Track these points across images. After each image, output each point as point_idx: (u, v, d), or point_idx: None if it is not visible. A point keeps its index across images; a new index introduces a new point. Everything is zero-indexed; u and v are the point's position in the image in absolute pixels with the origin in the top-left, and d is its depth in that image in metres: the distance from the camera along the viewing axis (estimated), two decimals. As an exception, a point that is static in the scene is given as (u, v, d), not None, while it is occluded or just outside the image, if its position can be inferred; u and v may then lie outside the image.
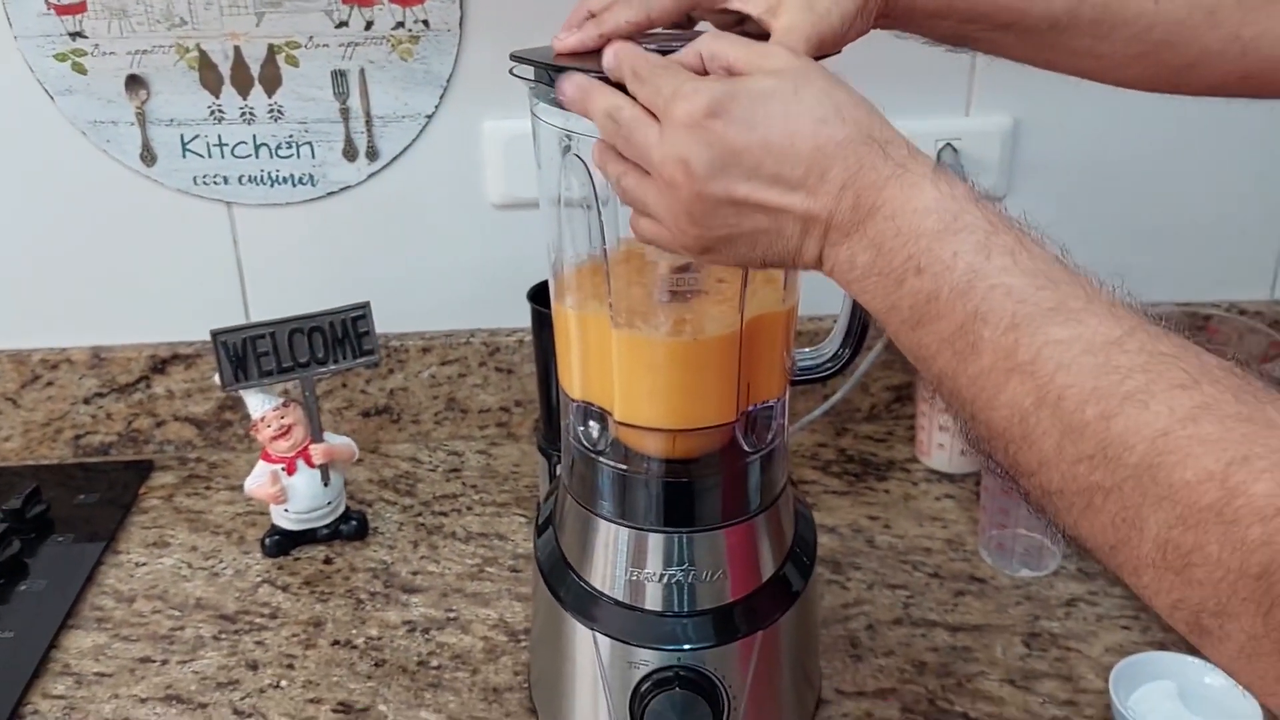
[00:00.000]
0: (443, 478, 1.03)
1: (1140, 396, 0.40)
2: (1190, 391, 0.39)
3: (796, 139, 0.48)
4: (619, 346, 0.63)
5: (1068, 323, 0.42)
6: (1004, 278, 0.43)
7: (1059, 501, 0.43)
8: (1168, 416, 0.39)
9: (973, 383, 0.44)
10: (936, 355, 0.46)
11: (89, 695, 0.79)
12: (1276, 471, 0.37)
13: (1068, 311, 0.42)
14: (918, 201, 0.46)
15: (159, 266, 1.02)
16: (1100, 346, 0.41)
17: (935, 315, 0.45)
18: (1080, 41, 0.62)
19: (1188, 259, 1.08)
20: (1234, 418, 0.39)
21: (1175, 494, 0.38)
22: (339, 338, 0.90)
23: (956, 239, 0.45)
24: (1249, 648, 0.38)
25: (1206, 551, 0.38)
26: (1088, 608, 0.86)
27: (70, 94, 0.94)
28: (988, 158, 1.02)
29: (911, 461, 1.05)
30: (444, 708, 0.77)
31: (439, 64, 0.95)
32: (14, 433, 1.05)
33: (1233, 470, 0.37)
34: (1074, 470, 0.41)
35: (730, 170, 0.49)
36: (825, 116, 0.48)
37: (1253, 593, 0.37)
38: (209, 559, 0.93)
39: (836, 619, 0.85)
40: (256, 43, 0.94)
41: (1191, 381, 0.40)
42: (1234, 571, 0.37)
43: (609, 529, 0.68)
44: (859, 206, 0.47)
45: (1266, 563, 0.36)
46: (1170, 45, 0.62)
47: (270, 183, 0.99)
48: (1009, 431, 0.43)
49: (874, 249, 0.47)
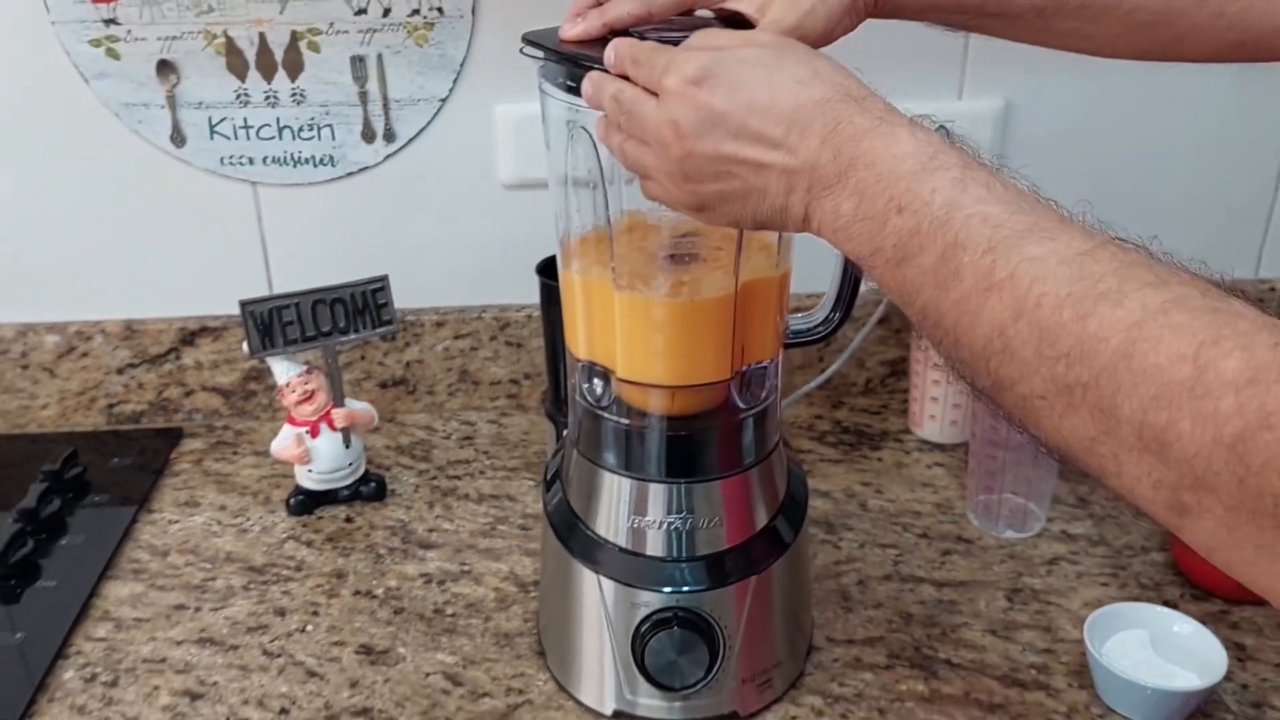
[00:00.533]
0: (456, 445, 1.08)
1: (1113, 296, 0.42)
2: (1160, 289, 0.42)
3: (777, 99, 0.52)
4: (621, 308, 0.68)
5: (1042, 240, 0.45)
6: (979, 207, 0.46)
7: (1040, 407, 0.44)
8: (1140, 310, 0.41)
9: (954, 307, 0.47)
10: (920, 288, 0.48)
11: (128, 638, 0.84)
12: (1245, 350, 0.39)
13: (1041, 231, 0.45)
14: (896, 149, 0.49)
15: (188, 243, 1.07)
16: (1073, 257, 0.44)
17: (917, 249, 0.48)
18: (1068, 24, 0.65)
19: (1175, 237, 1.11)
20: (1202, 309, 0.41)
21: (1149, 376, 0.40)
22: (359, 308, 0.95)
23: (934, 177, 0.47)
24: (1227, 519, 0.39)
25: (1181, 427, 0.39)
26: (1069, 566, 0.91)
27: (104, 78, 0.99)
28: (980, 139, 1.03)
29: (904, 432, 1.10)
30: (458, 650, 0.82)
31: (453, 49, 1.00)
32: (51, 401, 1.11)
33: (1204, 350, 0.39)
34: (1053, 371, 0.43)
35: (716, 130, 0.53)
36: (804, 79, 0.52)
37: (1227, 462, 0.38)
38: (237, 517, 0.98)
39: (829, 575, 0.90)
40: (280, 29, 0.99)
41: (1160, 281, 0.42)
42: (1209, 443, 0.38)
43: (613, 480, 0.74)
44: (839, 158, 0.50)
45: (1240, 431, 0.38)
46: (1157, 25, 0.64)
47: (293, 163, 1.04)
48: (990, 347, 0.45)
49: (856, 195, 0.49)
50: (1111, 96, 1.03)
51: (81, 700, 0.79)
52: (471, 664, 0.81)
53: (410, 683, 0.80)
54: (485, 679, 0.80)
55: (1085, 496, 0.99)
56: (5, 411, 1.11)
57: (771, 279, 0.70)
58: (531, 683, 0.79)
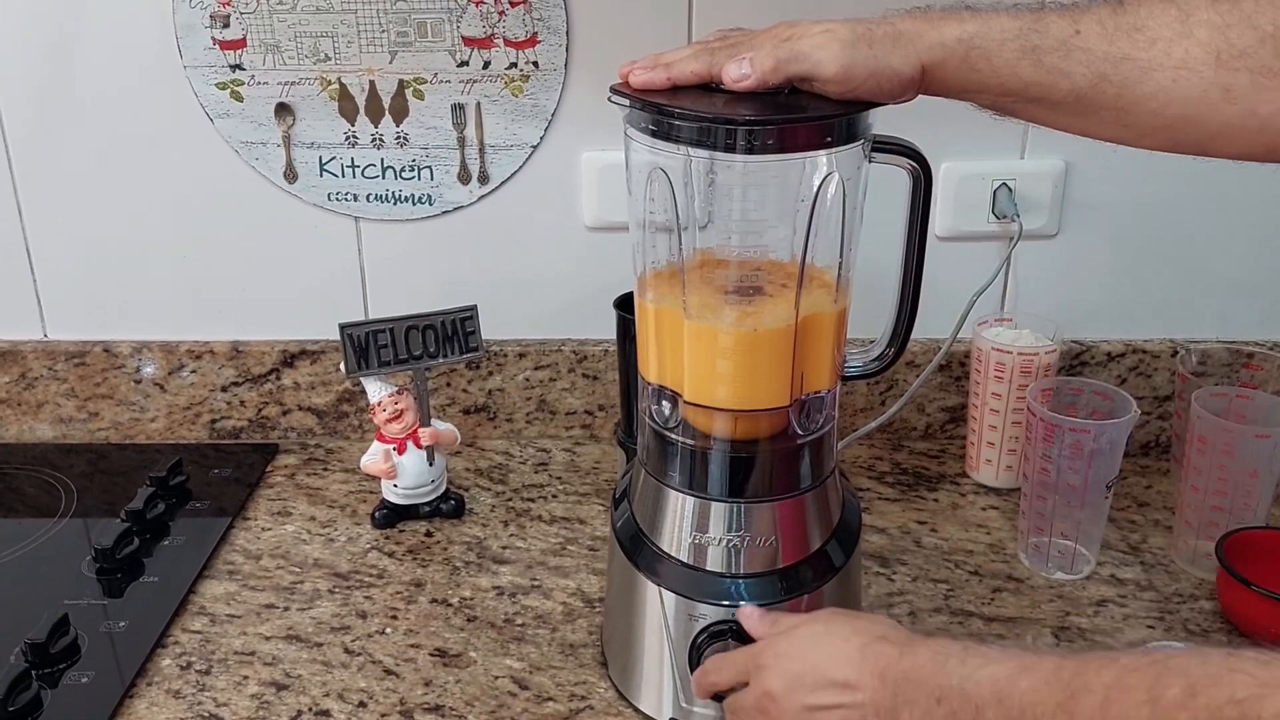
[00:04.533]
0: (532, 470, 1.15)
1: (1085, 689, 0.55)
2: (1111, 666, 0.55)
3: (834, 655, 0.67)
4: (690, 335, 0.74)
5: (1024, 673, 0.57)
6: (981, 672, 0.60)
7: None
8: (1101, 688, 0.54)
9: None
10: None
11: (221, 632, 0.91)
12: (1181, 677, 0.51)
13: (1021, 666, 0.58)
14: (919, 659, 0.63)
15: (293, 271, 1.15)
16: (1050, 675, 0.56)
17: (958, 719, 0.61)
18: (1106, 114, 0.69)
19: (1231, 298, 1.15)
20: (1145, 664, 0.53)
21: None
22: (449, 335, 1.02)
23: (947, 666, 0.61)
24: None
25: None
26: (1116, 608, 0.94)
27: (227, 117, 1.09)
28: (1040, 198, 1.10)
29: (961, 476, 1.13)
30: (526, 657, 0.88)
31: (545, 100, 1.08)
32: (159, 414, 1.19)
33: (1153, 689, 0.51)
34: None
35: (800, 687, 0.67)
36: (847, 635, 0.67)
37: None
38: (326, 527, 1.05)
39: (881, 605, 0.94)
40: (389, 78, 1.07)
41: (1112, 660, 0.55)
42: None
43: (677, 498, 0.79)
44: (885, 683, 0.64)
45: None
46: (1190, 120, 0.66)
47: (393, 201, 1.12)
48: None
49: (908, 706, 0.63)
50: (1168, 160, 1.06)
51: (177, 686, 0.85)
52: (538, 670, 0.86)
53: (480, 684, 0.85)
54: (550, 684, 0.85)
55: (1136, 544, 1.02)
56: (118, 423, 1.20)
57: (830, 314, 0.75)
58: (593, 690, 0.84)
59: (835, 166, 0.72)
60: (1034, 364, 1.05)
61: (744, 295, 0.75)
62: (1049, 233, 1.12)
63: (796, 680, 0.67)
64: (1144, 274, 1.14)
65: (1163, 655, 0.52)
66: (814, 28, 0.69)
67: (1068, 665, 0.56)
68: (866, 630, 0.67)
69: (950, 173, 1.09)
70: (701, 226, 0.76)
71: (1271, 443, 0.92)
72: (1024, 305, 1.14)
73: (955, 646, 0.62)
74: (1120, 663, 0.54)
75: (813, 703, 0.66)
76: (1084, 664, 0.55)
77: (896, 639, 0.66)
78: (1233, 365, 1.11)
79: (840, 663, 0.66)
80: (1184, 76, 0.66)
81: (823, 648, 0.68)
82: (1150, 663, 0.52)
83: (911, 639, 0.66)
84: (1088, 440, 0.92)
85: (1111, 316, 1.16)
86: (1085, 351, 1.15)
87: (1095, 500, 0.94)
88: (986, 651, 0.61)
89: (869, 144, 0.73)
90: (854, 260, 0.77)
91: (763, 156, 0.69)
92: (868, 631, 0.67)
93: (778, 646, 0.69)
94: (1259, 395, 0.98)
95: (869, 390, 1.17)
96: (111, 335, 1.18)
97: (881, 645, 0.65)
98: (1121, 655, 0.54)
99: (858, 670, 0.65)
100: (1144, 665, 0.52)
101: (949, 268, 1.10)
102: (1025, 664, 0.58)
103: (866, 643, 0.66)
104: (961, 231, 1.12)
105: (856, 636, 0.67)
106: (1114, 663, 0.54)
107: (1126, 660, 0.54)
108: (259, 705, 0.83)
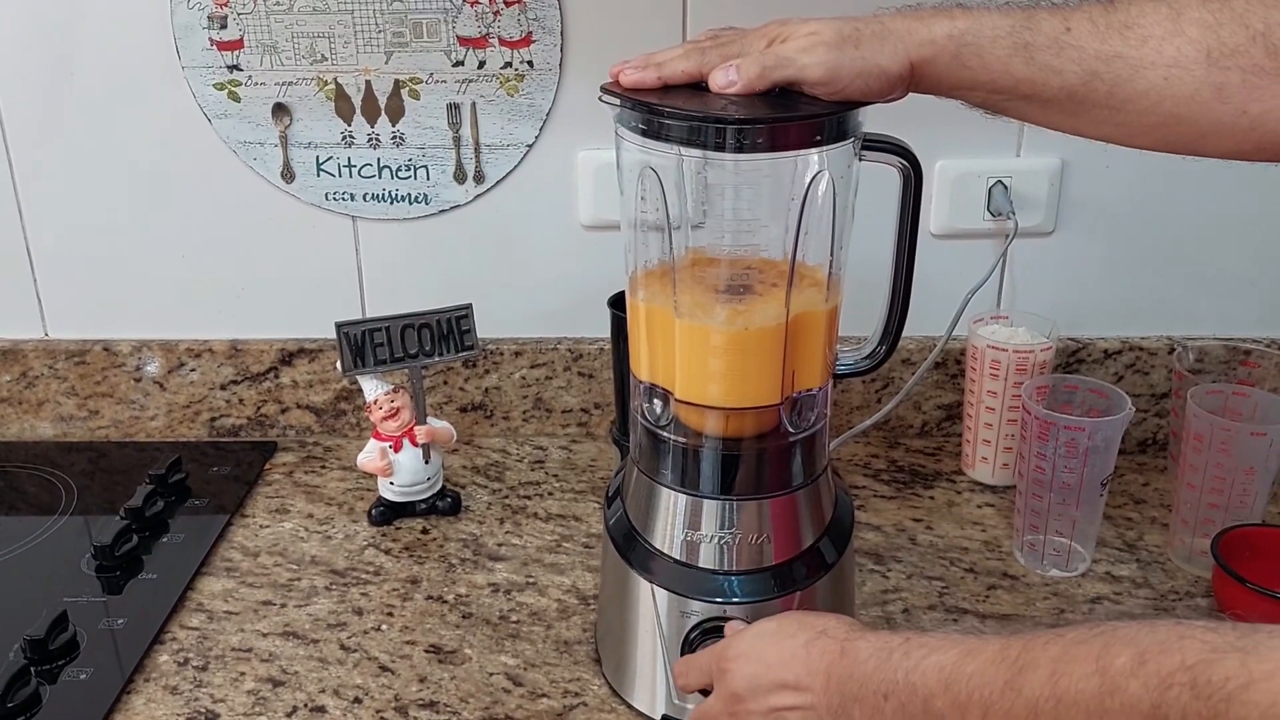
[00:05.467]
0: (528, 467, 1.15)
1: (1030, 666, 0.54)
2: (1055, 642, 0.54)
3: (783, 654, 0.67)
4: (681, 334, 0.74)
5: (970, 656, 0.57)
6: (927, 660, 0.59)
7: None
8: (1049, 664, 0.53)
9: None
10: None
11: (218, 628, 0.92)
12: (1129, 645, 0.50)
13: (967, 650, 0.58)
14: (860, 655, 0.63)
15: (291, 270, 1.16)
16: (997, 655, 0.56)
17: (910, 714, 0.60)
18: (1098, 112, 0.69)
19: (1229, 296, 1.15)
20: (1089, 636, 0.52)
21: (1079, 704, 0.51)
22: (444, 334, 1.03)
23: (890, 661, 0.61)
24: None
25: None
26: (1111, 605, 0.94)
27: (225, 118, 1.09)
28: (1036, 195, 1.10)
29: (957, 473, 1.13)
30: (521, 654, 0.88)
31: (541, 99, 1.08)
32: (159, 412, 1.20)
33: (1101, 659, 0.50)
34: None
35: (759, 688, 0.67)
36: (793, 632, 0.67)
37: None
38: (323, 525, 1.05)
39: (875, 602, 0.94)
40: (385, 78, 1.08)
41: (1057, 635, 0.54)
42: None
43: (670, 496, 0.79)
44: (830, 681, 0.64)
45: (1154, 703, 0.48)
46: (1181, 118, 0.66)
47: (390, 200, 1.13)
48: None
49: (856, 703, 0.62)
50: (1164, 158, 1.06)
51: (174, 682, 0.86)
52: (532, 667, 0.87)
53: (474, 681, 0.85)
54: (544, 681, 0.85)
55: (1132, 542, 1.02)
56: (118, 421, 1.20)
57: (821, 312, 0.75)
58: (587, 686, 0.85)
59: (825, 164, 0.72)
60: (1029, 361, 1.05)
61: (735, 294, 0.75)
62: (1045, 230, 1.12)
63: (755, 681, 0.67)
64: (1141, 271, 1.14)
65: (1110, 626, 0.52)
66: (801, 28, 0.69)
67: (1014, 644, 0.55)
68: (810, 625, 0.67)
69: (946, 170, 1.09)
70: (694, 226, 0.76)
71: (1268, 440, 0.92)
72: (1020, 303, 1.14)
73: (897, 639, 0.62)
74: (1067, 636, 0.53)
75: (775, 704, 0.66)
76: (1030, 641, 0.55)
77: (837, 634, 0.66)
78: (1230, 362, 1.11)
79: (789, 661, 0.66)
80: (1175, 75, 0.66)
81: (772, 648, 0.67)
82: (1097, 634, 0.52)
83: (851, 633, 0.65)
84: (1083, 438, 0.92)
85: (1108, 314, 1.16)
86: (1082, 349, 1.15)
87: (1090, 498, 0.95)
88: (929, 640, 0.61)
89: (859, 142, 0.73)
90: (845, 259, 0.77)
91: (752, 155, 0.70)
92: (811, 627, 0.67)
93: (737, 647, 0.69)
94: (1256, 393, 0.98)
95: (865, 388, 1.18)
96: (111, 334, 1.18)
97: (823, 641, 0.65)
98: (1068, 629, 0.54)
99: (806, 668, 0.65)
100: (1090, 637, 0.52)
101: (945, 265, 1.11)
102: (970, 648, 0.58)
103: (810, 639, 0.66)
104: (957, 229, 1.12)
105: (802, 633, 0.67)
106: (1060, 637, 0.53)
107: (1073, 634, 0.53)
108: (255, 701, 0.84)
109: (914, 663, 0.60)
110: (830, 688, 0.63)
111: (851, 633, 0.65)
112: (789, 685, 0.65)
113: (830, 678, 0.64)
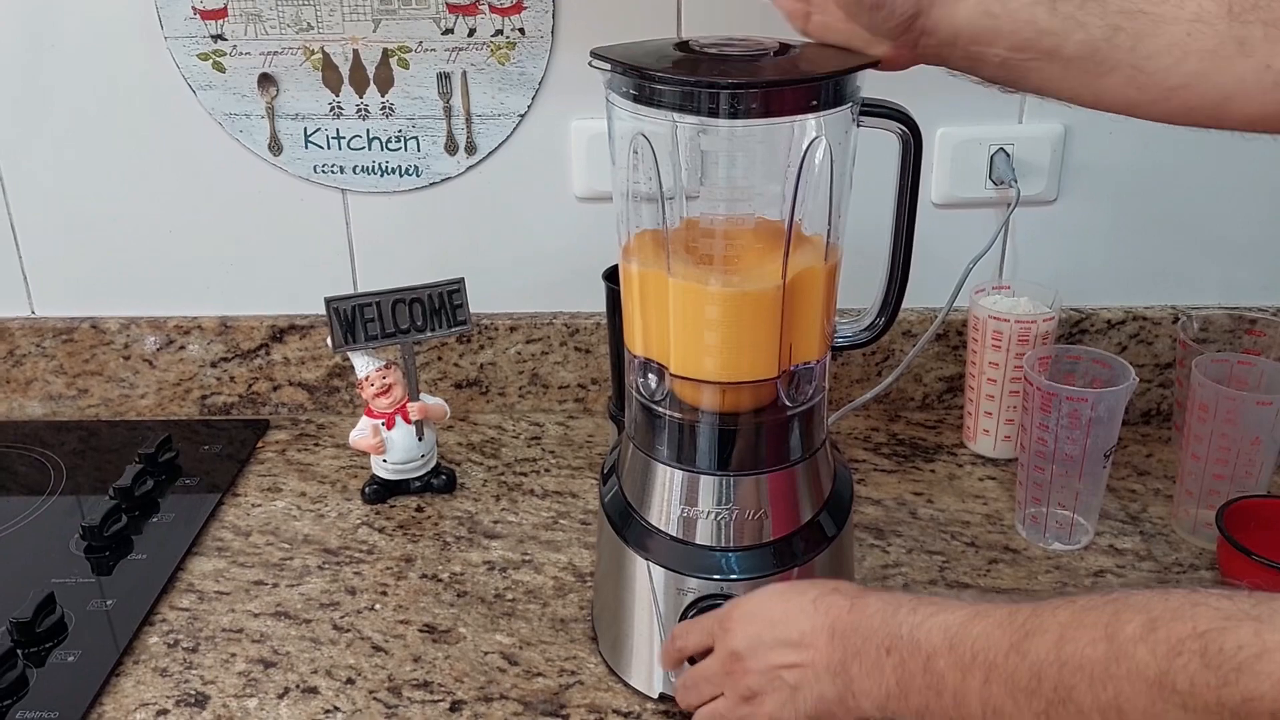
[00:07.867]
0: (524, 444, 1.13)
1: (1038, 630, 0.54)
2: (1067, 607, 0.54)
3: (789, 612, 0.66)
4: (675, 297, 0.72)
5: (977, 618, 0.57)
6: (930, 621, 0.59)
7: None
8: (1057, 627, 0.53)
9: (954, 702, 0.57)
10: (929, 708, 0.59)
11: (209, 609, 0.90)
12: (1141, 611, 0.50)
13: (975, 612, 0.58)
14: (869, 610, 0.63)
15: (280, 245, 1.14)
16: (1004, 620, 0.56)
17: (909, 676, 0.60)
18: (1121, 73, 0.66)
19: (1234, 264, 1.13)
20: (1100, 604, 0.52)
21: (1084, 668, 0.51)
22: (436, 308, 1.01)
23: (897, 616, 0.61)
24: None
25: (1123, 692, 0.50)
26: (1114, 578, 0.92)
27: (210, 89, 1.07)
28: (1039, 163, 1.08)
29: (958, 446, 1.12)
30: (516, 632, 0.87)
31: (532, 68, 1.06)
32: (149, 391, 1.18)
33: (1110, 625, 0.50)
34: (1030, 705, 0.54)
35: (760, 646, 0.67)
36: (802, 589, 0.67)
37: (1163, 698, 0.48)
38: (316, 503, 1.04)
39: (875, 577, 0.93)
40: (373, 47, 1.05)
41: (1067, 601, 0.54)
42: (1144, 689, 0.49)
43: (665, 472, 0.78)
44: (834, 636, 0.64)
45: (1161, 669, 0.48)
46: (1204, 76, 0.64)
47: (380, 173, 1.10)
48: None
49: (858, 657, 0.62)
50: (1172, 128, 1.05)
51: (164, 663, 0.85)
52: (528, 645, 0.85)
53: (469, 660, 0.84)
54: (540, 660, 0.84)
55: (1136, 514, 1.00)
56: (107, 399, 1.19)
57: (818, 277, 0.73)
58: (584, 665, 0.83)
59: (823, 130, 0.70)
60: (1031, 332, 1.03)
61: (730, 260, 0.73)
62: (1048, 198, 1.10)
63: (757, 639, 0.67)
64: (1144, 239, 1.12)
65: (1123, 593, 0.51)
66: None
67: (1023, 608, 0.55)
68: (823, 584, 0.68)
69: (947, 138, 1.07)
70: (690, 197, 0.74)
71: (1274, 410, 0.91)
72: (1022, 272, 1.13)
73: (907, 597, 0.62)
74: (1078, 603, 0.52)
75: (775, 661, 0.65)
76: (1040, 607, 0.54)
77: (848, 591, 0.66)
78: (1235, 331, 1.10)
79: (795, 617, 0.66)
80: (1198, 30, 0.64)
81: (778, 604, 0.67)
82: (1108, 601, 0.51)
83: (864, 591, 0.65)
84: (1085, 409, 0.90)
85: (1112, 283, 1.14)
86: (1085, 319, 1.14)
87: (1094, 470, 0.93)
88: (940, 601, 0.60)
89: (857, 107, 0.71)
90: (843, 227, 0.75)
91: (748, 121, 0.68)
92: (823, 584, 0.68)
93: (743, 607, 0.69)
94: (1261, 362, 0.97)
95: (865, 361, 1.16)
96: (99, 311, 1.17)
97: (833, 597, 0.65)
98: (1081, 596, 0.53)
99: (811, 624, 0.65)
100: (1101, 604, 0.51)
101: (946, 235, 1.09)
102: (979, 610, 0.57)
103: (820, 594, 0.66)
104: (958, 198, 1.10)
105: (812, 589, 0.67)
106: (1071, 603, 0.53)
107: (1085, 600, 0.52)
108: (246, 683, 0.82)
109: (920, 619, 0.59)
110: (833, 643, 0.63)
111: (864, 590, 0.66)
112: (791, 642, 0.65)
113: (834, 632, 0.63)
